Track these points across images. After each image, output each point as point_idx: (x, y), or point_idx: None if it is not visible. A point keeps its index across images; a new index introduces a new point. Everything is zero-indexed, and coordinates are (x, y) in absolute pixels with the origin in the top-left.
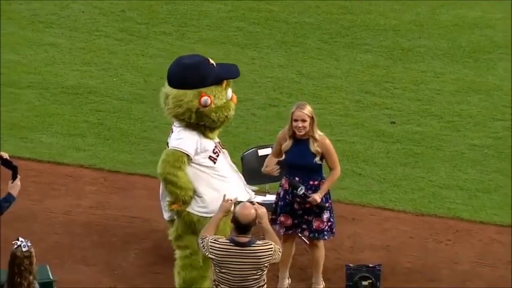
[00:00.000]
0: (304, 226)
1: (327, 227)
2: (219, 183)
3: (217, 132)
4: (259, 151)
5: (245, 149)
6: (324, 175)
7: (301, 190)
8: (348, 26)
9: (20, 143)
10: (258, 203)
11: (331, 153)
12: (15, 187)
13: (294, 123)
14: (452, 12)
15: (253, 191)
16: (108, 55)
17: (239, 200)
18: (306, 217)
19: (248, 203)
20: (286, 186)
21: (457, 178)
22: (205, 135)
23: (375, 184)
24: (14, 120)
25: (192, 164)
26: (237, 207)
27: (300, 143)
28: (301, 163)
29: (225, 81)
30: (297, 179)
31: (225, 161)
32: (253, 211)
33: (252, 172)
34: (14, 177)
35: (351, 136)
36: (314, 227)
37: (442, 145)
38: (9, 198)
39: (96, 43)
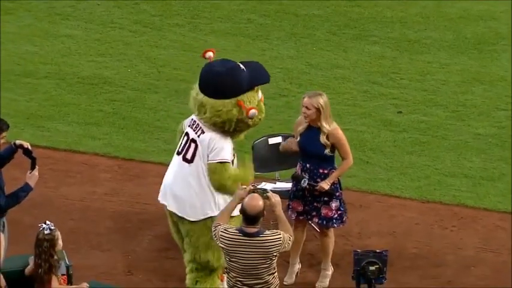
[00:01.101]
0: (313, 213)
1: (336, 215)
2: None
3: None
4: (269, 140)
5: (256, 138)
6: (335, 165)
7: (304, 182)
8: (355, 18)
9: (37, 131)
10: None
11: (342, 143)
12: (32, 177)
13: (302, 108)
14: (458, 4)
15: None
16: (123, 46)
17: (254, 187)
18: (315, 204)
19: (256, 194)
20: (299, 171)
21: (461, 166)
22: (234, 138)
23: (382, 172)
24: (31, 110)
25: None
26: (245, 199)
27: (312, 130)
28: (310, 150)
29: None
30: (307, 165)
31: (235, 161)
32: (261, 202)
33: (262, 160)
34: (32, 168)
35: (359, 125)
36: (322, 214)
37: (447, 134)
38: (26, 188)
39: (111, 35)
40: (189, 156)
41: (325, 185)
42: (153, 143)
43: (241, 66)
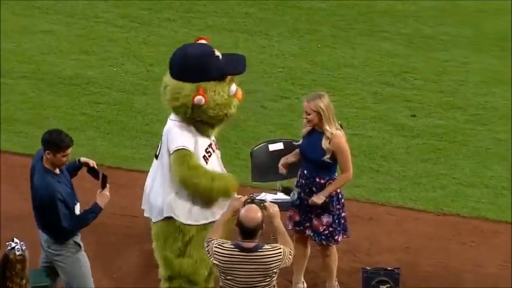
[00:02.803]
0: (307, 224)
1: (326, 232)
2: None
3: (217, 129)
4: (269, 146)
5: (254, 144)
6: (335, 176)
7: (293, 195)
8: (365, 11)
9: (13, 137)
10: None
11: (342, 153)
12: (103, 197)
13: (303, 113)
14: None
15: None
16: (108, 43)
17: (251, 197)
18: (309, 214)
19: (254, 205)
20: (300, 179)
21: (481, 175)
22: (201, 132)
23: (394, 181)
24: (7, 113)
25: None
26: (242, 210)
27: (315, 133)
28: (309, 156)
29: (229, 76)
30: (305, 171)
31: (216, 162)
32: (259, 214)
33: (262, 168)
34: (103, 187)
35: (368, 130)
36: (314, 226)
37: (465, 140)
38: (95, 209)
39: (95, 30)
40: (157, 151)
41: (318, 199)
42: (142, 149)
43: (217, 52)
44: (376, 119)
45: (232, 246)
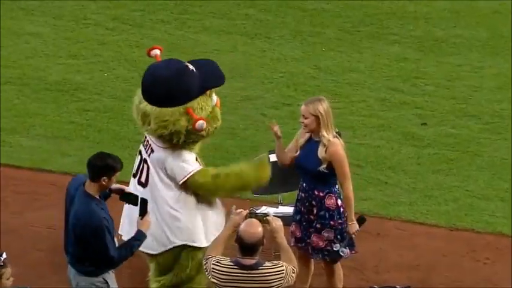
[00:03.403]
0: (307, 240)
1: (328, 247)
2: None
3: (199, 143)
4: (270, 156)
5: (254, 154)
6: (335, 189)
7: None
8: (372, 13)
9: None
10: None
11: (339, 163)
12: (145, 224)
13: (300, 117)
14: None
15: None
16: (98, 46)
17: (252, 211)
18: (309, 230)
19: (254, 220)
20: (300, 192)
21: (497, 187)
22: (190, 150)
23: (403, 194)
24: None
25: (178, 188)
26: (242, 225)
27: (312, 143)
28: (303, 166)
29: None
30: (304, 184)
31: None
32: (260, 229)
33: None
34: (142, 214)
35: (376, 139)
36: (313, 243)
37: (480, 150)
38: (139, 236)
39: (84, 33)
40: (143, 179)
41: (352, 228)
42: (134, 160)
43: (190, 67)
44: (384, 127)
45: (231, 264)
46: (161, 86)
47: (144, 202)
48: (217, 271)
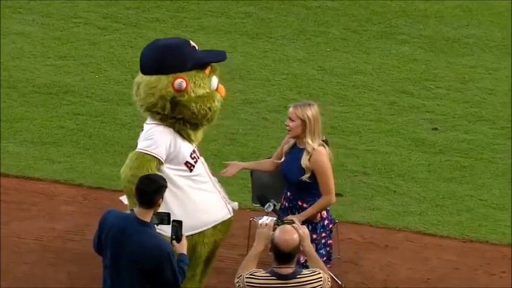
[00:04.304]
0: None
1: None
2: (194, 195)
3: (200, 132)
4: None
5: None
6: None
7: (269, 207)
8: (380, 11)
9: None
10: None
11: (322, 173)
12: (183, 246)
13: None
14: None
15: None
16: (89, 47)
17: (263, 221)
18: None
19: (289, 226)
20: (284, 202)
21: None
22: (183, 135)
23: (413, 203)
24: None
25: (164, 172)
26: (276, 232)
27: (295, 150)
28: (286, 174)
29: (209, 68)
30: (288, 193)
31: (203, 168)
32: (296, 236)
33: (264, 189)
34: (178, 237)
35: (384, 145)
36: None
37: (494, 156)
38: (185, 259)
39: (74, 32)
40: None
41: (296, 219)
42: None
43: (194, 44)
44: (393, 132)
45: (267, 275)
46: (156, 53)
47: (178, 224)
48: (253, 284)
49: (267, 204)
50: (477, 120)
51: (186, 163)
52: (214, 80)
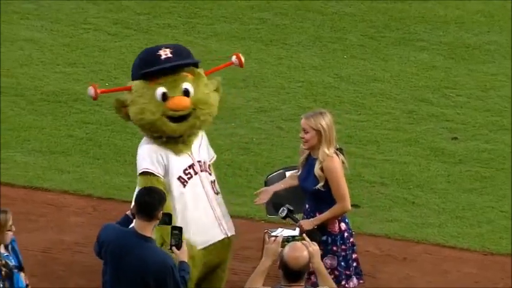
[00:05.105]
0: None
1: (332, 276)
2: (183, 212)
3: (186, 144)
4: (287, 173)
5: (269, 171)
6: None
7: (282, 211)
8: (398, 17)
9: None
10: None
11: (333, 179)
12: (184, 253)
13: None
14: None
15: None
16: (99, 53)
17: (277, 233)
18: None
19: (299, 243)
20: (303, 215)
21: None
22: (171, 149)
23: (432, 215)
24: None
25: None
26: (286, 249)
27: (310, 160)
28: (303, 185)
29: (155, 79)
30: (307, 206)
31: (200, 184)
32: (305, 253)
33: (279, 199)
34: (178, 244)
35: (403, 155)
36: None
37: None
38: (186, 268)
39: (83, 38)
40: None
41: (308, 224)
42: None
43: (167, 52)
44: (412, 142)
45: None
46: None
47: (180, 230)
48: None
49: (281, 209)
50: (498, 129)
51: (179, 178)
52: (159, 91)
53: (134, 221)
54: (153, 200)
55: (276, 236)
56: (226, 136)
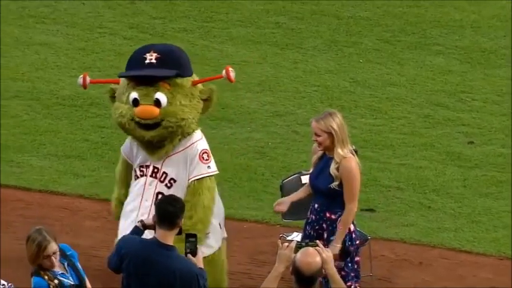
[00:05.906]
0: None
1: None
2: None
3: (154, 149)
4: (302, 178)
5: (285, 175)
6: None
7: (300, 246)
8: (414, 21)
9: (4, 167)
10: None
11: (349, 179)
12: (199, 260)
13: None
14: None
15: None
16: (115, 57)
17: (292, 238)
18: None
19: (311, 249)
20: (310, 215)
21: None
22: (144, 149)
23: (448, 219)
24: None
25: None
26: (298, 255)
27: (325, 159)
28: (315, 184)
29: (132, 82)
30: (315, 205)
31: (139, 188)
32: (318, 259)
33: (294, 204)
34: (192, 252)
35: (418, 159)
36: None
37: None
38: (204, 274)
39: (99, 42)
40: None
41: (334, 249)
42: None
43: (152, 56)
44: (427, 146)
45: None
46: None
47: (195, 237)
48: None
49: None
50: None
51: (134, 170)
52: (132, 96)
53: (155, 230)
54: (175, 209)
55: (290, 241)
56: (241, 140)
